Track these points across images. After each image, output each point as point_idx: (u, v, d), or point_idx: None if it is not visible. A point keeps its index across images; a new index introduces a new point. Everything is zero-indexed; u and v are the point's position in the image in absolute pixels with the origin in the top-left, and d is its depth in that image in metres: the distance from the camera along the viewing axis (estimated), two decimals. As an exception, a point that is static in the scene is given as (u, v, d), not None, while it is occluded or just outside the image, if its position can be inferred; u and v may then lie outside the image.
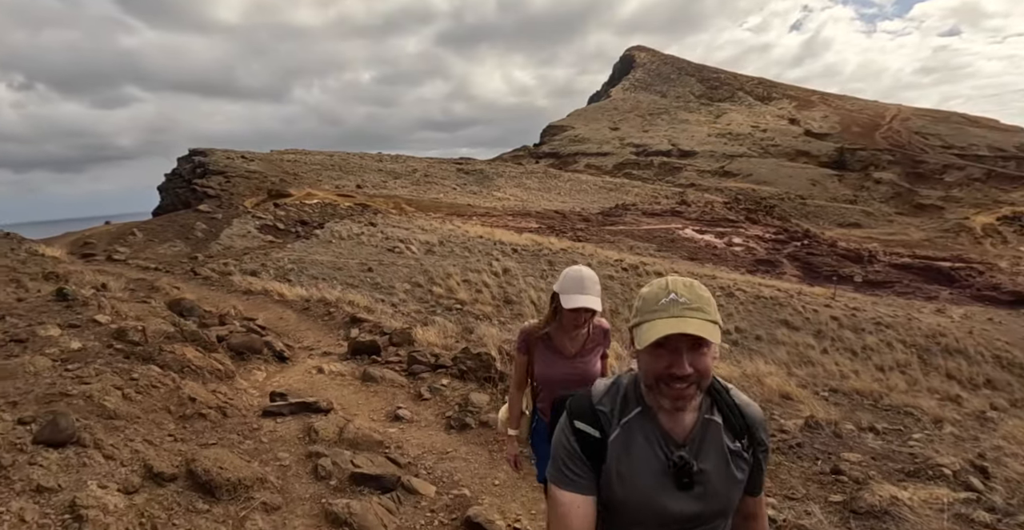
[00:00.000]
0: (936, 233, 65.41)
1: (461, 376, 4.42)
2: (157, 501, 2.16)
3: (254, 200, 32.38)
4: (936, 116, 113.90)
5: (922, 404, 7.91)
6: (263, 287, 10.87)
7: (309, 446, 3.03)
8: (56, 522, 1.91)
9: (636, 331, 1.22)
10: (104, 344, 3.58)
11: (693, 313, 1.17)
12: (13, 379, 2.83)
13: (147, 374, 3.19)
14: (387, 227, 24.47)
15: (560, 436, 1.28)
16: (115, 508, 2.02)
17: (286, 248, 19.32)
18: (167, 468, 2.35)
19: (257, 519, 2.24)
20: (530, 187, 64.93)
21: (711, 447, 1.27)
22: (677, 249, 42.96)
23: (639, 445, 1.24)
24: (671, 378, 1.18)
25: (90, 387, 2.80)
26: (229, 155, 44.25)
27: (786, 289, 26.31)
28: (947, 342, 24.01)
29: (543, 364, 2.41)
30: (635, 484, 1.23)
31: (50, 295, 4.49)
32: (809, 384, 9.03)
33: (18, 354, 3.13)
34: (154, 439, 2.61)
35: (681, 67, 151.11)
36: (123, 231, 20.77)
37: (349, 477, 2.76)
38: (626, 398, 1.29)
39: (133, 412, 2.78)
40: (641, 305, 1.24)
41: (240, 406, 3.41)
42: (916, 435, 5.58)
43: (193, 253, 18.24)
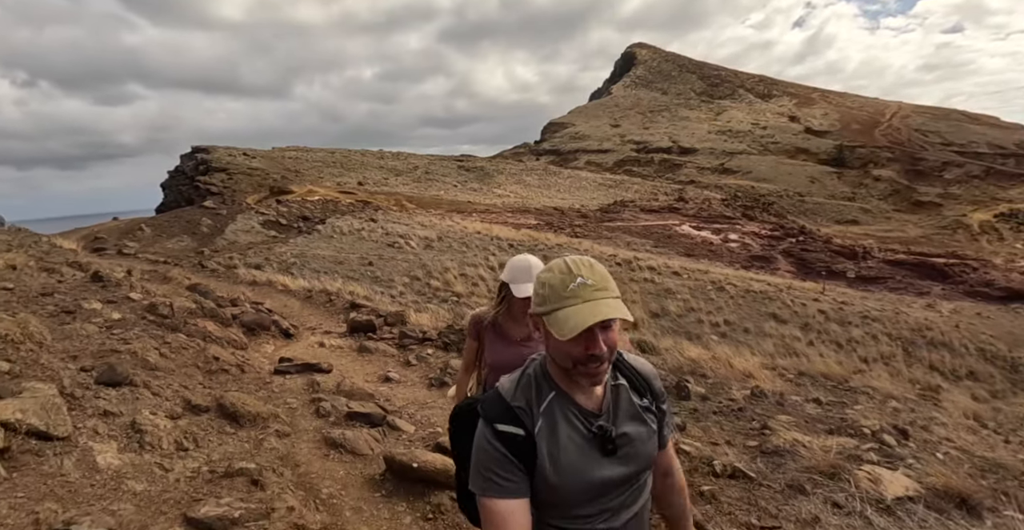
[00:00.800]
0: (933, 230, 65.74)
1: (444, 347, 5.06)
2: (196, 424, 2.80)
3: (256, 197, 32.93)
4: (936, 113, 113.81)
5: (880, 385, 8.52)
6: (267, 279, 11.50)
7: (312, 395, 3.69)
8: (122, 435, 2.54)
9: (550, 319, 1.23)
10: (139, 316, 4.23)
11: (602, 294, 1.20)
12: (70, 339, 3.47)
13: (177, 339, 3.83)
14: (387, 223, 25.09)
15: (482, 443, 1.25)
16: (164, 427, 2.65)
17: (289, 243, 19.94)
18: (202, 402, 2.99)
19: (272, 441, 2.88)
20: (530, 184, 65.22)
21: (624, 410, 1.34)
22: (674, 245, 43.36)
23: (562, 427, 1.27)
24: (589, 359, 1.21)
25: (133, 346, 3.44)
26: (231, 152, 44.73)
27: (776, 284, 26.86)
28: (932, 335, 24.53)
29: (492, 350, 2.48)
30: (566, 464, 1.25)
31: (87, 278, 5.14)
32: (779, 367, 9.65)
33: (70, 322, 3.77)
34: (188, 384, 3.25)
35: (682, 64, 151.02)
36: (131, 226, 21.41)
37: (345, 415, 3.42)
38: (539, 386, 1.31)
39: (169, 366, 3.42)
40: (548, 293, 1.24)
41: (255, 366, 4.07)
42: (857, 406, 6.20)
43: (199, 247, 18.88)
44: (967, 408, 7.39)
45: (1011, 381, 21.56)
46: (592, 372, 1.23)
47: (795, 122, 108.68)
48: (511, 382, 1.34)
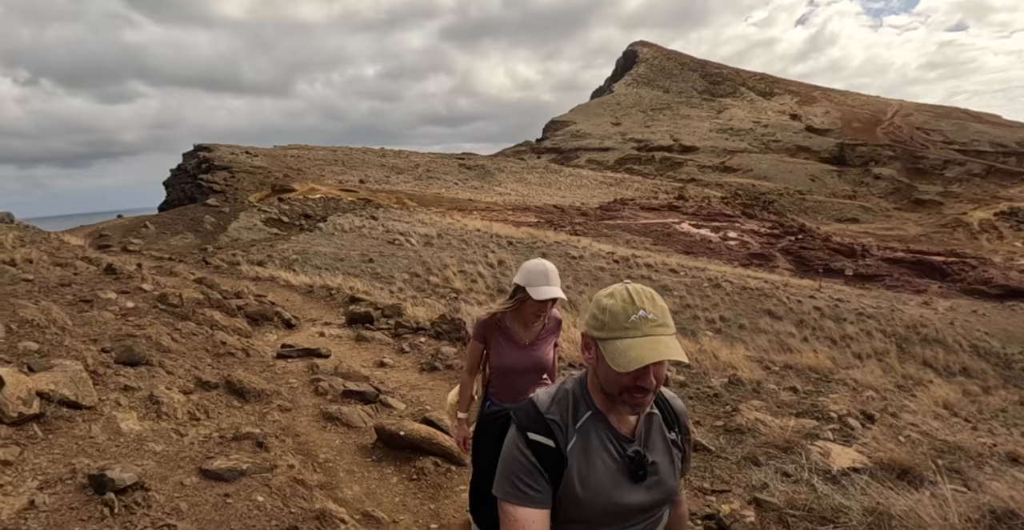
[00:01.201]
0: (933, 228, 65.84)
1: (437, 336, 5.38)
2: (206, 399, 3.11)
3: (258, 195, 33.21)
4: (938, 112, 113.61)
5: (861, 377, 8.81)
6: (270, 275, 11.81)
7: (312, 376, 4.02)
8: (141, 406, 2.85)
9: (606, 347, 1.24)
10: (151, 305, 4.54)
11: (663, 330, 1.22)
12: (89, 325, 3.79)
13: (187, 326, 4.14)
14: (388, 220, 25.40)
15: (512, 450, 1.27)
16: (179, 400, 2.97)
17: (290, 240, 20.27)
18: (211, 379, 3.30)
19: (275, 414, 3.19)
20: (531, 182, 65.33)
21: (656, 439, 1.36)
22: (673, 243, 43.53)
23: (595, 447, 1.28)
24: (636, 389, 1.23)
25: (147, 331, 3.75)
26: (233, 150, 45.01)
27: (772, 281, 27.13)
28: (927, 332, 24.78)
29: (499, 353, 2.48)
30: (595, 484, 1.26)
31: (100, 270, 5.46)
32: (765, 360, 9.94)
33: (88, 309, 4.08)
34: (198, 365, 3.56)
35: (684, 62, 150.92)
36: (136, 224, 21.75)
37: (341, 393, 3.74)
38: (576, 403, 1.32)
39: (181, 349, 3.73)
40: (609, 320, 1.24)
41: (259, 351, 4.39)
42: (832, 395, 6.50)
43: (203, 244, 19.22)
44: (941, 398, 7.68)
45: (1004, 377, 21.81)
46: (636, 402, 1.25)
47: (796, 120, 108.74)
48: (547, 394, 1.35)
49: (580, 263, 23.62)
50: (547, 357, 2.53)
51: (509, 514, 1.21)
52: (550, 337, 2.57)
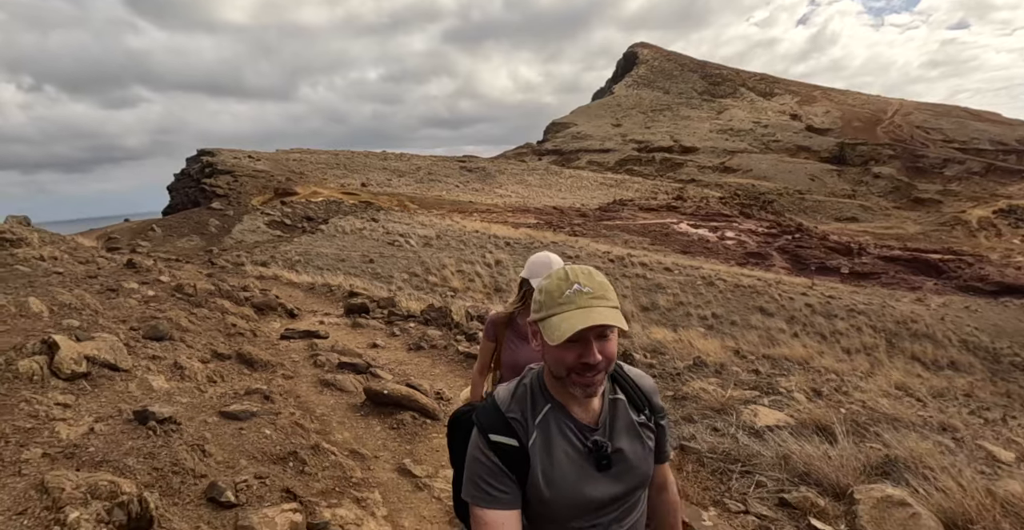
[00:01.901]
0: (932, 227, 66.05)
1: (425, 323, 5.95)
2: (221, 367, 3.69)
3: (261, 198, 33.82)
4: (938, 110, 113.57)
5: (828, 363, 9.35)
6: (273, 274, 12.39)
7: (311, 352, 4.60)
8: (168, 370, 3.43)
9: (544, 326, 1.23)
10: (169, 294, 5.12)
11: (599, 302, 1.19)
12: (118, 309, 4.36)
13: (201, 312, 4.72)
14: (388, 222, 25.99)
15: (475, 453, 1.25)
16: (198, 367, 3.54)
17: (293, 242, 20.87)
18: (225, 351, 3.87)
19: (279, 380, 3.76)
20: (531, 184, 65.66)
21: (621, 425, 1.31)
22: (671, 243, 43.92)
23: (557, 441, 1.26)
24: (583, 368, 1.20)
25: (168, 314, 4.33)
26: (236, 155, 45.58)
27: (765, 279, 27.63)
28: (917, 328, 25.22)
29: (509, 350, 2.46)
30: (559, 479, 1.24)
31: (121, 265, 6.05)
32: (743, 350, 10.48)
33: (115, 297, 4.66)
34: (213, 341, 4.14)
35: (684, 63, 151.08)
36: (143, 227, 22.39)
37: (336, 365, 4.32)
38: (535, 397, 1.30)
39: (197, 329, 4.30)
40: (545, 299, 1.24)
41: (265, 333, 4.97)
42: (792, 376, 7.05)
43: (208, 246, 19.83)
44: (898, 381, 8.21)
45: (992, 371, 22.27)
46: (586, 382, 1.21)
47: (796, 120, 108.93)
48: (507, 392, 1.33)
49: (576, 262, 24.15)
50: None
51: (479, 517, 1.21)
52: None
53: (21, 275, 4.61)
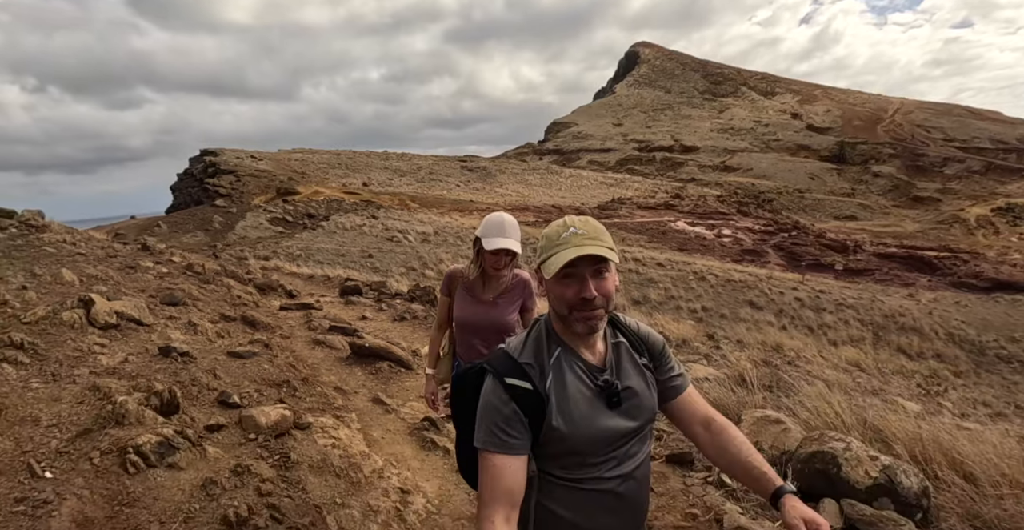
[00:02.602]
0: (930, 224, 66.29)
1: (411, 299, 6.58)
2: (228, 327, 4.31)
3: (264, 198, 34.40)
4: (939, 109, 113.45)
5: (796, 345, 9.94)
6: (275, 265, 13.03)
7: (306, 320, 5.23)
8: (183, 327, 4.05)
9: (544, 266, 1.30)
10: (180, 271, 5.76)
11: (592, 242, 1.27)
12: (137, 282, 4.99)
13: (210, 286, 5.34)
14: (387, 219, 26.61)
15: (490, 398, 1.30)
16: (209, 326, 4.17)
17: (294, 238, 21.52)
18: (231, 314, 4.50)
19: (278, 339, 4.38)
20: (532, 183, 65.93)
21: (627, 365, 1.38)
22: (668, 240, 44.29)
23: (570, 380, 1.32)
24: (582, 303, 1.27)
25: (181, 286, 4.96)
26: (239, 155, 46.06)
27: (756, 274, 28.15)
28: (904, 321, 25.70)
29: (459, 306, 2.48)
30: (576, 415, 1.29)
31: (137, 248, 6.70)
32: (717, 335, 11.07)
33: (133, 272, 5.28)
34: (221, 308, 4.77)
35: (685, 63, 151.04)
36: (149, 224, 23.07)
37: (327, 329, 4.95)
38: (547, 343, 1.35)
39: (207, 298, 4.93)
40: (544, 243, 1.32)
41: (266, 305, 5.60)
42: (747, 351, 7.66)
43: (212, 242, 20.49)
44: (851, 358, 8.80)
45: (976, 362, 22.76)
46: (587, 316, 1.28)
47: (797, 119, 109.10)
48: (518, 341, 1.39)
49: (571, 258, 24.75)
50: (507, 317, 2.50)
51: (487, 461, 1.26)
52: (515, 297, 2.52)
53: (49, 254, 5.24)
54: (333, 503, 2.19)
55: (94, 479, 1.90)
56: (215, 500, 1.95)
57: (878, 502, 2.35)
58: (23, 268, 4.46)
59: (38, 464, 1.93)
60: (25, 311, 3.38)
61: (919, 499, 2.41)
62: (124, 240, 20.07)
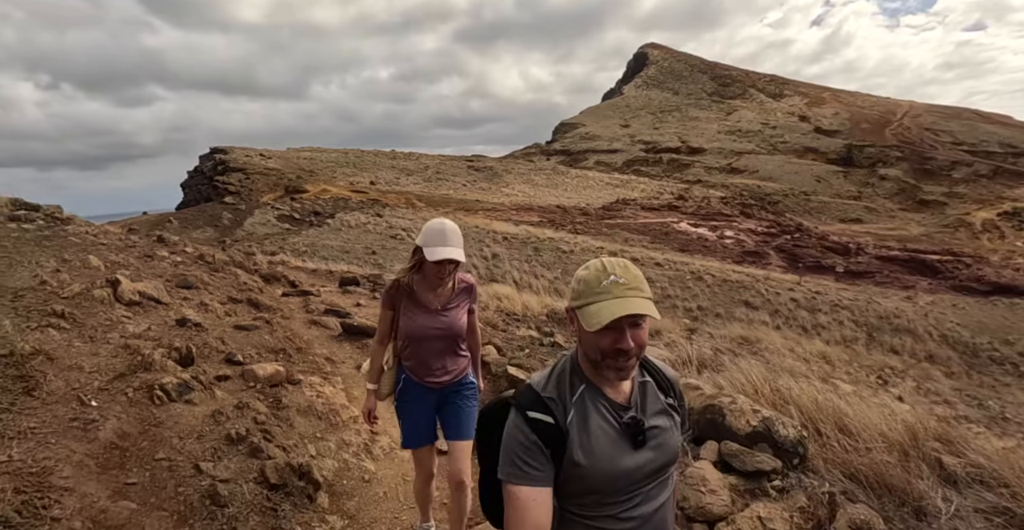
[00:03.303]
0: (936, 228, 66.24)
1: (402, 290, 7.22)
2: (235, 307, 4.90)
3: (272, 196, 35.08)
4: (948, 112, 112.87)
5: (770, 338, 10.45)
6: (280, 260, 13.65)
7: (305, 304, 5.81)
8: (196, 307, 4.64)
9: (582, 313, 1.29)
10: (193, 260, 6.36)
11: (634, 293, 1.27)
12: (154, 269, 5.59)
13: (219, 274, 5.94)
14: (392, 218, 27.23)
15: (513, 431, 1.31)
16: (218, 306, 4.76)
17: (301, 235, 22.17)
18: (238, 297, 5.09)
19: (278, 319, 4.96)
20: (538, 184, 66.19)
21: (652, 404, 1.40)
22: (670, 241, 44.60)
23: (593, 418, 1.32)
24: (617, 353, 1.27)
25: (193, 273, 5.55)
26: (248, 153, 46.74)
27: (754, 274, 28.59)
28: (899, 323, 26.08)
29: (407, 318, 2.41)
30: (599, 453, 1.30)
31: (153, 240, 7.31)
32: (699, 329, 11.59)
33: (151, 261, 5.88)
34: (228, 292, 5.36)
35: (694, 64, 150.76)
36: (161, 220, 23.79)
37: (323, 311, 5.53)
38: (571, 379, 1.36)
39: (216, 284, 5.52)
40: (583, 288, 1.31)
41: (269, 292, 6.19)
42: (712, 342, 8.19)
43: (221, 238, 21.17)
44: (821, 351, 9.31)
45: (969, 364, 23.14)
46: (620, 366, 1.29)
47: (805, 121, 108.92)
48: (542, 376, 1.40)
49: (570, 257, 25.30)
50: (458, 322, 2.47)
51: (512, 494, 1.25)
52: (462, 302, 2.50)
53: (75, 243, 5.84)
54: (313, 436, 2.76)
55: (129, 407, 2.47)
56: (221, 425, 2.52)
57: (757, 446, 2.91)
58: (54, 255, 5.06)
59: (85, 397, 2.50)
60: (62, 289, 3.97)
61: (795, 446, 2.97)
62: (138, 234, 20.81)
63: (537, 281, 21.21)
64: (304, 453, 2.50)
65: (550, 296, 16.42)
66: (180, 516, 2.01)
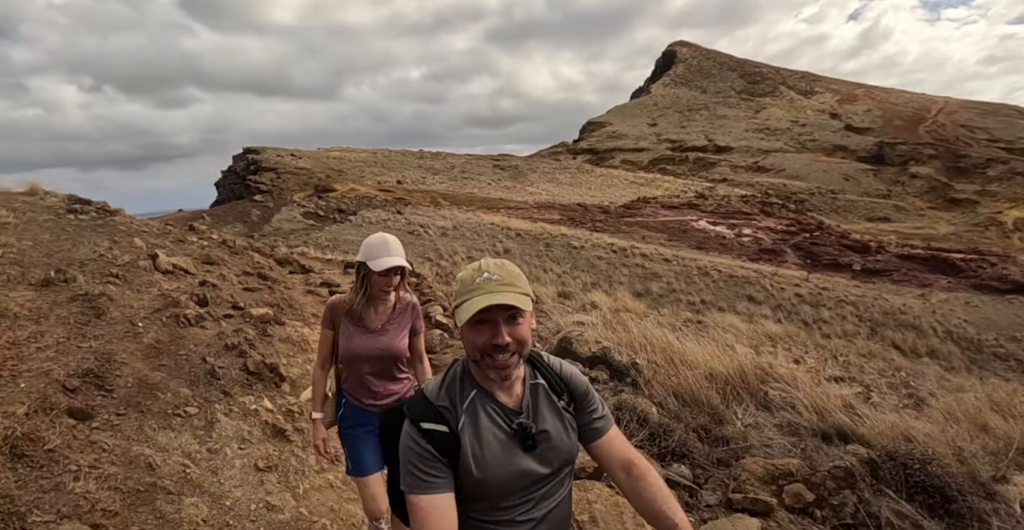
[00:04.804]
0: (965, 227, 65.19)
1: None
2: (247, 279, 6.18)
3: (302, 195, 36.68)
4: (985, 109, 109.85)
5: (736, 324, 11.43)
6: (301, 251, 15.02)
7: (306, 278, 7.09)
8: (215, 276, 5.93)
9: (457, 312, 1.30)
10: (217, 245, 7.69)
11: (505, 288, 1.27)
12: (185, 250, 6.93)
13: (237, 256, 7.26)
14: (411, 215, 28.60)
15: (408, 442, 1.31)
16: (233, 277, 6.04)
17: (324, 230, 23.65)
18: (250, 271, 6.38)
19: (281, 288, 6.23)
20: (562, 182, 66.72)
21: (544, 408, 1.40)
22: (687, 239, 45.03)
23: (484, 423, 1.34)
24: (494, 349, 1.28)
25: (216, 253, 6.87)
26: (279, 153, 48.40)
27: (761, 270, 29.17)
28: (904, 318, 26.42)
29: (346, 338, 2.37)
30: (489, 459, 1.32)
31: (184, 229, 8.70)
32: (685, 319, 12.58)
33: (182, 243, 7.23)
34: (243, 268, 6.66)
35: (723, 62, 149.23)
36: (194, 216, 25.53)
37: (319, 283, 6.79)
38: (461, 384, 1.37)
39: (234, 262, 6.83)
40: (459, 287, 1.32)
41: (278, 270, 7.50)
42: (664, 319, 9.22)
43: (250, 233, 22.75)
44: (772, 332, 10.27)
45: (971, 359, 23.48)
46: (499, 364, 1.30)
47: (836, 119, 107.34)
48: (435, 382, 1.41)
49: (580, 253, 26.31)
50: (398, 343, 2.42)
51: (414, 504, 1.27)
52: (403, 322, 2.45)
53: (121, 230, 7.18)
54: (287, 354, 3.98)
55: (162, 327, 3.72)
56: (222, 339, 3.75)
57: (597, 367, 4.05)
58: (107, 237, 6.40)
59: (134, 321, 3.76)
60: (115, 260, 5.28)
61: (627, 369, 4.10)
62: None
63: (546, 275, 22.24)
64: (277, 360, 3.69)
65: (556, 287, 17.43)
66: (191, 382, 3.23)
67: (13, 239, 5.09)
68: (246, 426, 2.95)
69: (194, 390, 3.12)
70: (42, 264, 4.55)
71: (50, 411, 2.47)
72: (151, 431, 2.66)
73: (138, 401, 2.84)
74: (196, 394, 3.08)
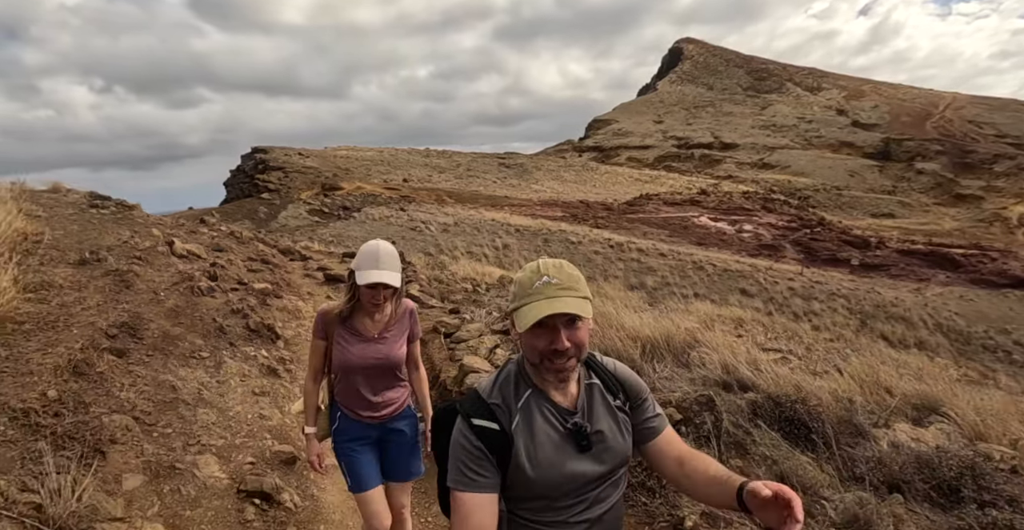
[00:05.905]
0: (969, 223, 65.16)
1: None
2: (252, 264, 7.02)
3: (309, 193, 37.43)
4: (993, 104, 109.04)
5: (713, 311, 12.14)
6: (305, 245, 15.86)
7: (304, 264, 7.94)
8: (224, 261, 6.76)
9: (516, 315, 1.29)
10: (225, 236, 8.54)
11: (566, 292, 1.26)
12: (198, 239, 7.78)
13: (245, 245, 8.11)
14: (414, 212, 29.40)
15: (458, 438, 1.32)
16: (239, 262, 6.88)
17: (328, 227, 24.51)
18: (255, 257, 7.20)
19: (282, 272, 7.06)
20: (566, 180, 67.01)
21: (599, 408, 1.40)
22: (688, 235, 45.36)
23: (539, 423, 1.33)
24: (553, 354, 1.26)
25: (225, 242, 7.72)
26: (287, 152, 49.00)
27: (755, 265, 29.71)
28: (895, 311, 26.88)
29: (340, 347, 2.28)
30: (543, 459, 1.31)
31: (196, 222, 9.58)
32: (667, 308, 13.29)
33: (195, 234, 8.08)
34: (250, 254, 7.51)
35: (729, 59, 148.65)
36: (204, 214, 26.47)
37: (315, 268, 7.64)
38: (516, 383, 1.37)
39: (240, 250, 7.67)
40: (518, 290, 1.31)
41: (281, 257, 8.35)
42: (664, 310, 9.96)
43: (257, 229, 23.63)
44: (736, 316, 10.98)
45: (959, 351, 23.92)
46: (558, 368, 1.29)
47: (842, 115, 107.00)
48: (489, 381, 1.41)
49: (578, 248, 26.98)
50: (396, 351, 2.35)
51: (457, 500, 1.28)
52: (402, 329, 2.38)
53: (140, 222, 8.02)
54: (283, 319, 4.80)
55: (180, 296, 4.55)
56: (228, 306, 4.57)
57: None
58: (128, 228, 7.24)
59: (157, 291, 4.59)
60: (137, 246, 6.12)
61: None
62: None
63: (542, 269, 22.85)
64: (274, 323, 4.50)
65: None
66: (204, 335, 4.05)
67: (47, 228, 5.93)
68: (247, 366, 3.76)
69: (206, 341, 3.93)
70: (75, 248, 5.38)
71: (98, 348, 3.27)
72: (173, 367, 3.47)
73: (163, 346, 3.65)
74: (208, 344, 3.90)
